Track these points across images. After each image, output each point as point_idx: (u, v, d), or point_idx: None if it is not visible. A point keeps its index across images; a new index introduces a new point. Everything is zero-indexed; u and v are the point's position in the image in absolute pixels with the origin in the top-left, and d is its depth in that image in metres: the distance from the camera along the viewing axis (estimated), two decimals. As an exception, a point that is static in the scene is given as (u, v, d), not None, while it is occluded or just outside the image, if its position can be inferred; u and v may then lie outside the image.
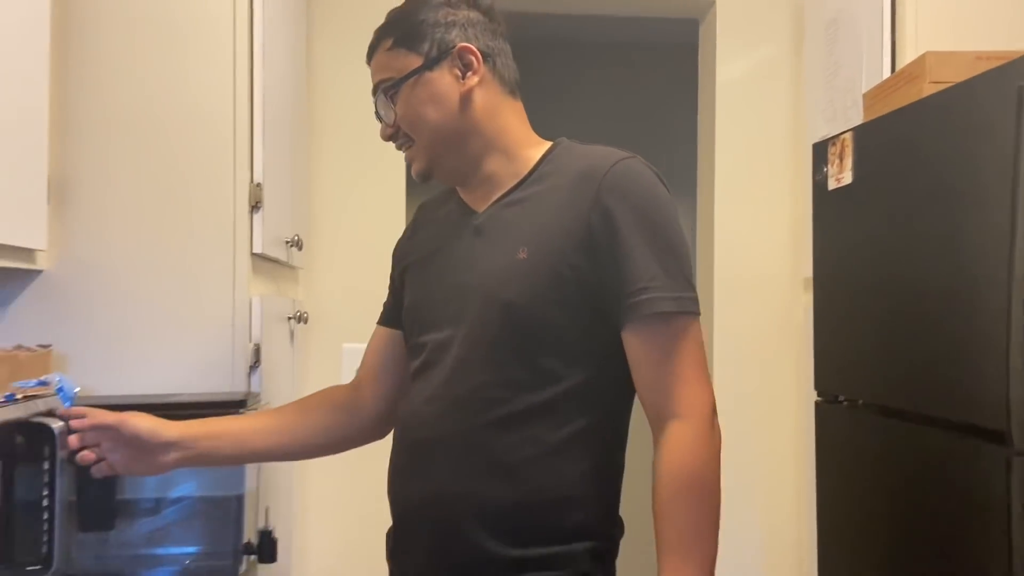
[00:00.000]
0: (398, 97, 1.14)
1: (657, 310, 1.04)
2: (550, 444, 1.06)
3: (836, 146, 1.66)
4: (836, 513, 1.68)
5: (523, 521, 1.06)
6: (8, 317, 1.46)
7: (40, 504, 1.20)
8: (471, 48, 1.13)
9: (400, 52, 1.14)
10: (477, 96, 1.13)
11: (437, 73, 1.13)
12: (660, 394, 1.06)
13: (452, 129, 1.14)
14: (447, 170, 1.17)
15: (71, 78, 1.49)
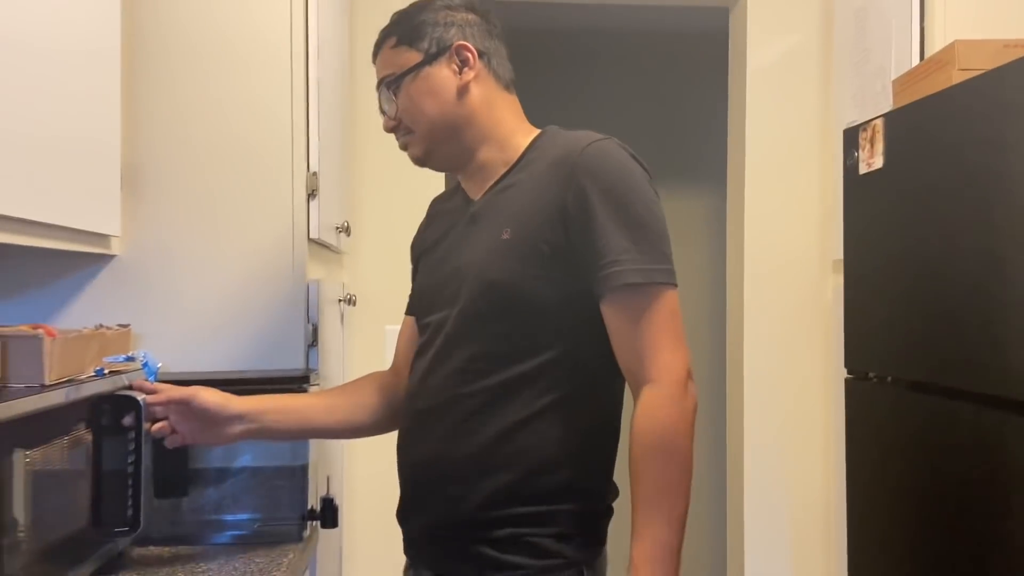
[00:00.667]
0: (399, 91, 1.25)
1: (626, 281, 1.10)
2: (534, 409, 1.14)
3: (867, 132, 1.72)
4: (866, 487, 1.75)
5: (508, 482, 1.14)
6: (86, 299, 1.55)
7: (125, 471, 1.29)
8: (468, 46, 1.23)
9: (402, 49, 1.25)
10: (473, 90, 1.23)
11: (435, 68, 1.23)
12: (633, 361, 1.12)
13: (449, 120, 1.23)
14: (442, 157, 1.27)
15: (141, 73, 1.57)
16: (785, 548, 2.48)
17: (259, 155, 1.61)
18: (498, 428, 1.15)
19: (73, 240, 1.37)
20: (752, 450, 2.49)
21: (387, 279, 2.38)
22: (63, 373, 1.14)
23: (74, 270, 1.55)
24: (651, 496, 1.08)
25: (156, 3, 1.59)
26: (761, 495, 2.49)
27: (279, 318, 1.61)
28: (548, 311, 1.14)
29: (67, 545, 1.15)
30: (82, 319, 1.51)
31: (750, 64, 2.50)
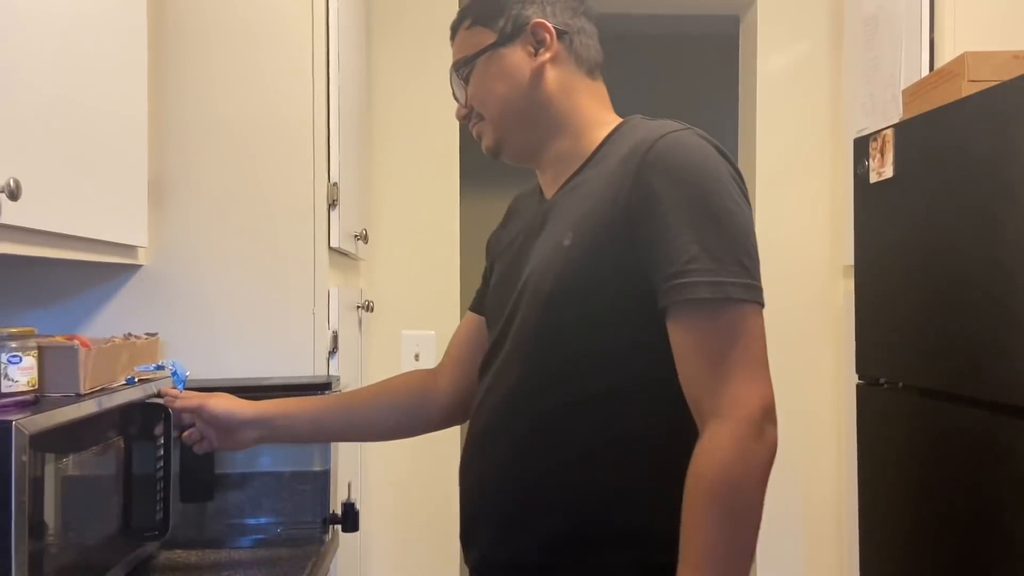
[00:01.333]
0: (471, 75, 1.14)
1: (692, 296, 0.94)
2: (592, 443, 1.00)
3: (877, 141, 1.74)
4: (877, 492, 1.77)
5: (558, 525, 1.00)
6: (114, 308, 1.60)
7: (154, 477, 1.33)
8: (545, 24, 1.11)
9: (477, 30, 1.15)
10: (549, 73, 1.11)
11: (509, 49, 1.12)
12: (699, 390, 0.94)
13: (521, 105, 1.11)
14: (515, 147, 1.15)
15: (166, 88, 1.61)
16: (796, 555, 2.50)
17: (281, 167, 1.65)
18: (550, 463, 1.02)
19: (103, 252, 1.41)
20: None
21: (403, 285, 2.42)
22: (96, 382, 1.18)
23: (103, 280, 1.60)
24: (701, 558, 0.90)
25: (180, 21, 1.63)
26: (771, 502, 2.50)
27: (300, 325, 1.65)
28: (611, 329, 1.00)
29: (98, 549, 1.19)
30: (111, 327, 1.55)
31: (760, 71, 2.52)
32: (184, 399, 1.27)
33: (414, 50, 2.41)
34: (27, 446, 0.95)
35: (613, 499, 1.00)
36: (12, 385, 1.03)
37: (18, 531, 0.93)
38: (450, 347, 1.33)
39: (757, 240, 1.01)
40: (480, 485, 1.09)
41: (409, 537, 2.42)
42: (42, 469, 0.99)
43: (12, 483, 0.93)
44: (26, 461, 0.95)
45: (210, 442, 1.29)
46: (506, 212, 1.29)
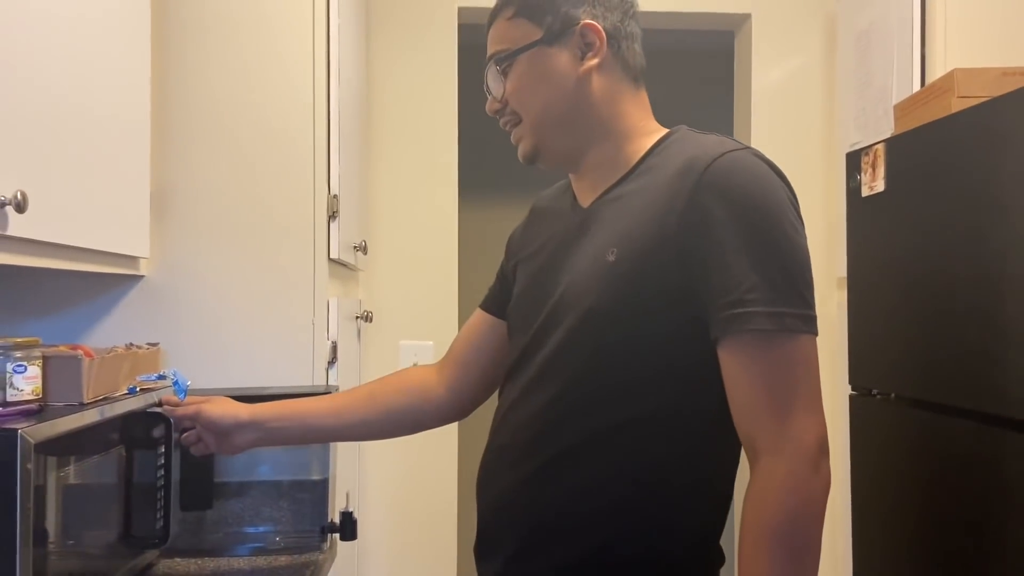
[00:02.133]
0: (511, 70, 1.08)
1: (752, 327, 0.91)
2: (619, 469, 0.98)
3: (869, 156, 1.77)
4: (870, 503, 1.79)
5: (577, 550, 0.99)
6: (116, 318, 1.61)
7: (155, 486, 1.35)
8: (596, 27, 1.06)
9: (520, 22, 1.08)
10: (595, 79, 1.06)
11: (555, 49, 1.06)
12: (752, 424, 0.92)
13: (563, 110, 1.06)
14: (554, 154, 1.10)
15: (169, 101, 1.64)
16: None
17: (282, 179, 1.67)
18: (576, 486, 0.99)
19: (105, 263, 1.42)
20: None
21: (402, 295, 2.44)
22: (99, 392, 1.20)
23: (105, 290, 1.61)
24: None
25: (182, 35, 1.65)
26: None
27: (300, 336, 1.67)
28: (651, 353, 0.97)
29: (99, 557, 1.20)
30: (112, 338, 1.57)
31: (755, 85, 2.55)
32: (183, 406, 1.28)
33: (413, 61, 2.44)
34: (32, 454, 0.96)
35: (636, 527, 0.98)
36: (17, 394, 1.04)
37: (23, 538, 0.95)
38: (455, 344, 1.29)
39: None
40: (500, 502, 1.06)
41: (407, 546, 2.43)
42: (46, 477, 1.00)
43: (17, 491, 0.94)
44: (31, 469, 0.96)
45: (207, 445, 1.29)
46: (530, 212, 1.24)
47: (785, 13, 2.55)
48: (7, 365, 1.04)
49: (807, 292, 0.95)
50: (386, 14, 2.45)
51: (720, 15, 2.59)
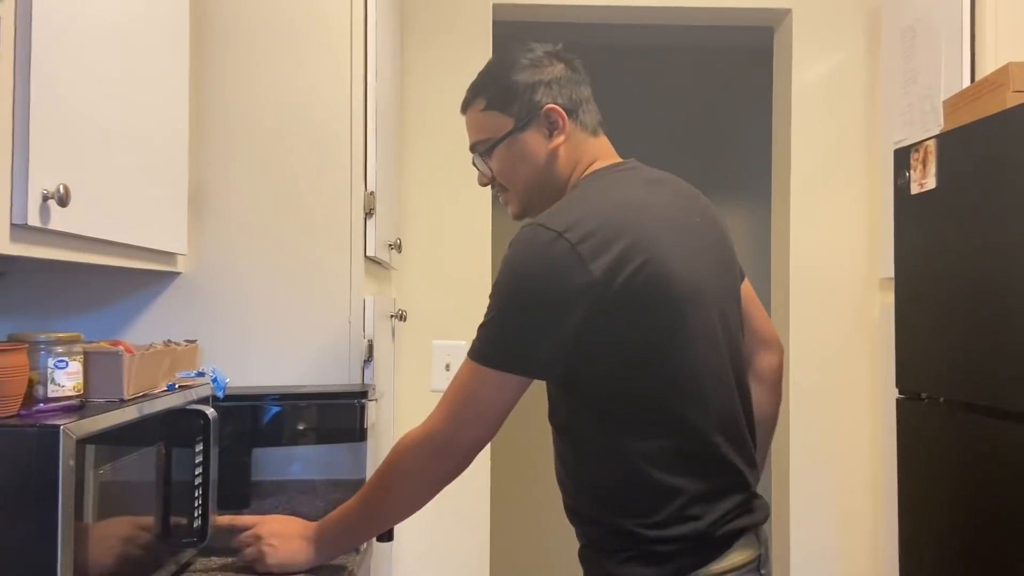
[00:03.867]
0: (492, 156, 1.30)
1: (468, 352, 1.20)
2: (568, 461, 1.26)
3: (919, 152, 1.72)
4: (918, 508, 1.74)
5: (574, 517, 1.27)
6: (154, 315, 1.61)
7: (192, 483, 1.34)
8: (557, 109, 1.27)
9: (493, 114, 1.29)
10: (562, 151, 1.28)
11: (527, 134, 1.28)
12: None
13: (540, 181, 1.29)
14: (538, 210, 1.28)
15: (207, 99, 1.63)
16: (833, 561, 2.46)
17: (319, 176, 1.66)
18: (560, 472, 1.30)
19: (144, 258, 1.42)
20: (797, 470, 2.48)
21: (435, 295, 2.42)
22: (139, 388, 1.19)
23: (143, 287, 1.61)
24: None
25: (220, 35, 1.64)
26: (809, 512, 2.48)
27: (337, 334, 1.65)
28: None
29: (139, 554, 1.19)
30: (150, 334, 1.56)
31: (795, 82, 2.51)
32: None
33: (445, 59, 2.43)
34: (74, 450, 0.95)
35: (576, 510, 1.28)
36: (58, 390, 1.04)
37: (65, 534, 0.94)
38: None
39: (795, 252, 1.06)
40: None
41: (439, 545, 2.41)
42: (87, 473, 0.99)
43: (59, 487, 0.93)
44: (73, 465, 0.95)
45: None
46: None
47: (826, 8, 2.50)
48: (49, 361, 1.03)
49: (497, 335, 1.17)
50: (420, 13, 2.44)
51: (759, 10, 2.55)
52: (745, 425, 1.26)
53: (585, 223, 1.14)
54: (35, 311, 1.54)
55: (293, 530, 1.36)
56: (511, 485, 3.11)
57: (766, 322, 1.43)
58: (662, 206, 1.22)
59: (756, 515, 1.23)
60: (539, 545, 3.32)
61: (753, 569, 1.20)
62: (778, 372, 1.44)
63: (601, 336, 1.14)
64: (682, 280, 1.16)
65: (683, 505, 1.16)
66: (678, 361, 1.16)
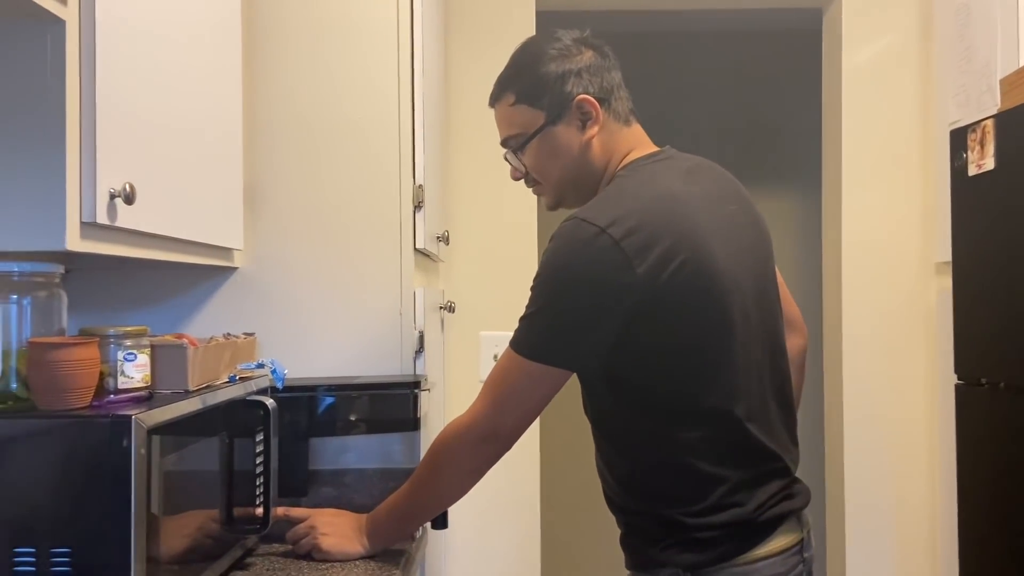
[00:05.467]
0: (525, 151, 1.28)
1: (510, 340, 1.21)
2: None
3: (976, 132, 1.68)
4: (978, 494, 1.71)
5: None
6: (211, 309, 1.65)
7: (254, 472, 1.37)
8: (589, 99, 1.24)
9: (522, 108, 1.27)
10: (595, 142, 1.26)
11: (559, 127, 1.26)
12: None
13: (576, 173, 1.28)
14: (572, 203, 1.30)
15: (258, 96, 1.66)
16: (889, 562, 2.43)
17: (369, 170, 1.68)
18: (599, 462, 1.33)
19: (203, 254, 1.46)
20: (852, 458, 2.45)
21: (482, 287, 2.44)
22: (202, 380, 1.22)
23: (201, 282, 1.65)
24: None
25: (270, 33, 1.67)
26: (863, 498, 2.45)
27: (389, 325, 1.68)
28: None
29: (204, 542, 1.23)
30: (208, 328, 1.61)
31: (845, 64, 2.46)
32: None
33: (490, 51, 2.42)
34: (145, 439, 0.99)
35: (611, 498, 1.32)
36: (128, 381, 1.07)
37: (137, 521, 0.97)
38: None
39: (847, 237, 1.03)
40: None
41: (491, 532, 2.43)
42: (156, 462, 1.03)
43: (132, 475, 0.96)
44: (144, 454, 0.99)
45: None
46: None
47: (876, -12, 2.45)
48: (118, 353, 1.07)
49: (536, 330, 1.18)
50: (464, 6, 2.45)
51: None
52: (782, 410, 1.26)
53: (628, 218, 1.13)
54: (100, 307, 1.59)
55: (346, 520, 1.39)
56: (561, 470, 3.12)
57: (791, 305, 1.43)
58: (701, 196, 1.22)
59: (797, 500, 1.23)
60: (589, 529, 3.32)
61: (796, 553, 1.20)
62: (802, 354, 1.44)
63: (642, 332, 1.14)
64: (723, 274, 1.16)
65: (726, 493, 1.17)
66: (717, 354, 1.17)
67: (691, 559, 1.16)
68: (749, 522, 1.17)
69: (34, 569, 0.96)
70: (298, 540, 1.40)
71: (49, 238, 0.98)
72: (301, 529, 1.40)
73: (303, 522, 1.41)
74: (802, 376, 1.45)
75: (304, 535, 1.39)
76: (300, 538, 1.40)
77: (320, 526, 1.39)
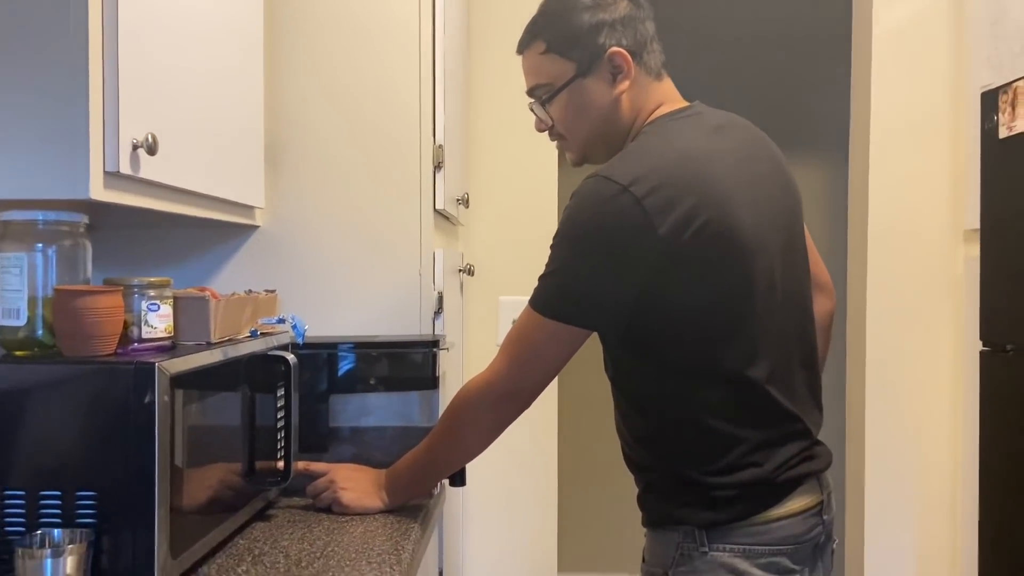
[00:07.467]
0: (552, 103, 1.25)
1: (530, 298, 1.20)
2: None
3: (1008, 94, 1.65)
4: (1001, 460, 1.70)
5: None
6: (233, 267, 1.66)
7: (275, 426, 1.39)
8: (622, 53, 1.21)
9: (553, 57, 1.24)
10: (626, 97, 1.23)
11: (590, 80, 1.22)
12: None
13: (604, 128, 1.25)
14: (599, 159, 1.27)
15: (280, 56, 1.66)
16: (909, 528, 2.42)
17: (389, 129, 1.68)
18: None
19: (225, 211, 1.46)
20: (874, 424, 2.43)
21: (502, 251, 2.43)
22: (224, 333, 1.24)
23: (224, 241, 1.66)
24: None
25: None
26: (883, 472, 2.44)
27: (408, 285, 1.68)
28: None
29: (226, 492, 1.25)
30: (231, 285, 1.62)
31: (876, 27, 2.41)
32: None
33: (513, 11, 2.40)
34: (168, 387, 1.00)
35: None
36: (151, 331, 1.09)
37: (161, 466, 0.99)
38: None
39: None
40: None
41: (510, 489, 2.45)
42: (179, 410, 1.04)
43: (156, 421, 0.98)
44: (168, 401, 1.00)
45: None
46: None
47: (909, -53, 2.39)
48: (142, 303, 1.08)
49: (554, 288, 1.17)
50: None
51: (837, -48, 2.45)
52: (807, 373, 1.25)
53: (651, 177, 1.11)
54: (124, 264, 1.61)
55: (365, 475, 1.41)
56: (579, 429, 3.14)
57: (819, 267, 1.40)
58: (728, 155, 1.19)
59: (818, 462, 1.22)
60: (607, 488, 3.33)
61: (815, 514, 1.19)
62: (830, 317, 1.42)
63: (664, 292, 1.13)
64: (747, 235, 1.14)
65: (744, 453, 1.16)
66: (737, 316, 1.16)
67: (708, 517, 1.16)
68: (767, 482, 1.16)
69: (60, 512, 0.98)
70: (318, 494, 1.42)
71: (73, 186, 0.98)
72: (321, 483, 1.42)
73: (323, 476, 1.42)
74: (828, 339, 1.43)
75: (324, 489, 1.41)
76: (320, 492, 1.41)
77: (340, 480, 1.40)
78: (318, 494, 1.42)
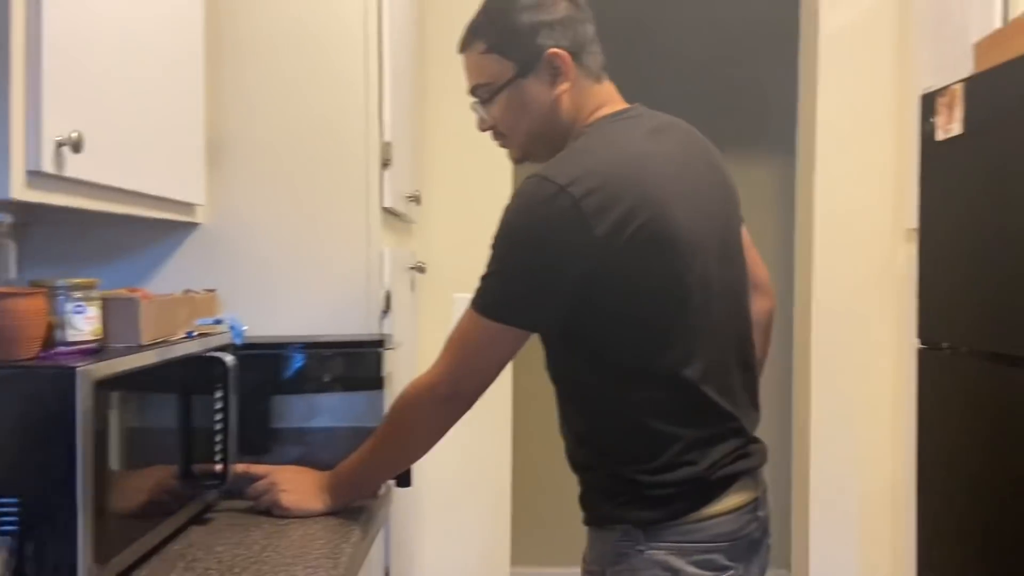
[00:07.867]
0: (493, 102, 1.26)
1: (471, 301, 1.21)
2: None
3: (946, 97, 1.68)
4: (938, 457, 1.73)
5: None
6: (173, 266, 1.63)
7: (213, 429, 1.37)
8: (561, 54, 1.22)
9: (493, 58, 1.25)
10: (566, 98, 1.24)
11: (529, 80, 1.23)
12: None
13: (543, 129, 1.26)
14: (539, 158, 1.28)
15: (222, 48, 1.63)
16: (852, 521, 2.47)
17: (334, 126, 1.66)
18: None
19: (161, 208, 1.43)
20: (819, 421, 2.47)
21: (456, 248, 2.43)
22: (157, 334, 1.21)
23: (162, 238, 1.63)
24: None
25: (236, -21, 1.64)
26: (828, 467, 2.48)
27: (354, 284, 1.67)
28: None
29: (160, 496, 1.23)
30: (170, 284, 1.59)
31: (822, 29, 2.44)
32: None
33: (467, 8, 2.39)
34: (91, 392, 0.98)
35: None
36: (77, 334, 1.06)
37: (85, 472, 0.97)
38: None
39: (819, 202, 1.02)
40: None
41: (462, 490, 2.45)
42: (106, 416, 1.02)
43: (77, 428, 0.96)
44: (91, 406, 0.98)
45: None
46: None
47: (856, -51, 2.43)
48: (67, 305, 1.05)
49: (499, 290, 1.18)
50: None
51: (786, -46, 2.48)
52: (743, 372, 1.27)
53: (589, 178, 1.12)
54: (57, 262, 1.57)
55: (307, 477, 1.40)
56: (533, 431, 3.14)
57: (758, 267, 1.42)
58: (666, 157, 1.21)
59: (753, 459, 1.24)
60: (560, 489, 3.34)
61: (750, 511, 1.21)
62: (768, 316, 1.44)
63: (600, 293, 1.14)
64: (683, 237, 1.16)
65: (680, 451, 1.18)
66: (671, 317, 1.17)
67: (645, 516, 1.17)
68: (702, 480, 1.18)
69: (-20, 519, 0.96)
70: (258, 496, 1.40)
71: (-9, 186, 0.96)
72: (261, 485, 1.40)
73: (264, 479, 1.41)
74: (767, 339, 1.45)
75: (264, 491, 1.40)
76: (260, 494, 1.40)
77: (280, 483, 1.39)
78: (258, 496, 1.40)
